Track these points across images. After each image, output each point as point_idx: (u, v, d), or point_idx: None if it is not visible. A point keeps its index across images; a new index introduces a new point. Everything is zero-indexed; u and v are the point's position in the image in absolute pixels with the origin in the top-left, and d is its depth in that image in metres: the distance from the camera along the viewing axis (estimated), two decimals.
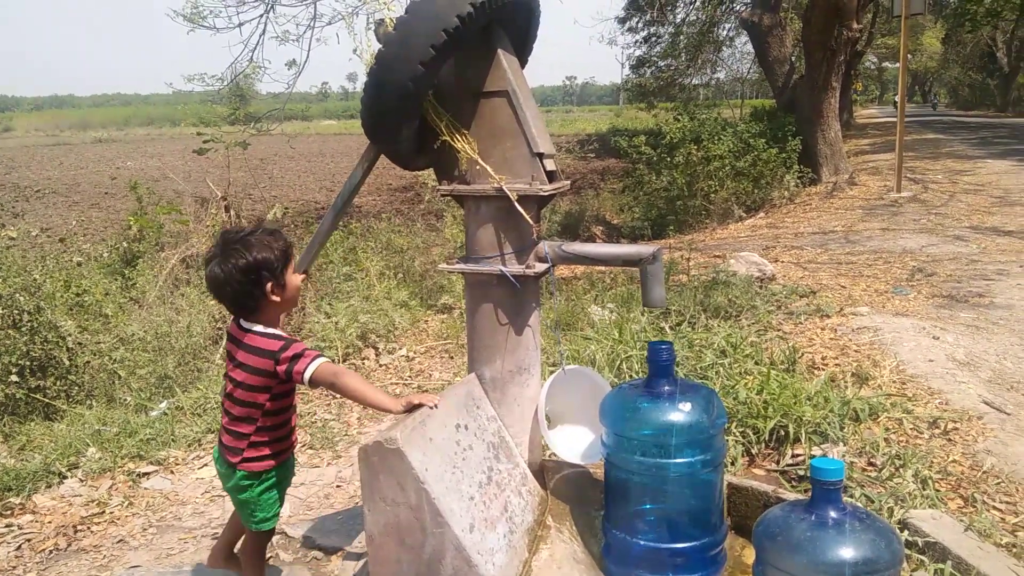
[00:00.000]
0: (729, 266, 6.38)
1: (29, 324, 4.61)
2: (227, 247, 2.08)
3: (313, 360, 2.03)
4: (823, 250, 7.69)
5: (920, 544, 2.44)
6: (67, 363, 4.69)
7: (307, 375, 2.01)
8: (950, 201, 10.23)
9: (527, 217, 2.09)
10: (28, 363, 4.51)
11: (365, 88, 2.00)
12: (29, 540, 3.10)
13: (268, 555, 2.90)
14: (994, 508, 2.76)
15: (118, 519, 3.27)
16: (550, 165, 2.13)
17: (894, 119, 12.17)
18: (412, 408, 1.97)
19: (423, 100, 2.06)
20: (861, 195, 11.47)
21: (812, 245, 8.03)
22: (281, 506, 2.33)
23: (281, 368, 2.04)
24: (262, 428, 2.16)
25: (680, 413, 1.96)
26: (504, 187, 2.05)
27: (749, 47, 19.50)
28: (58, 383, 4.62)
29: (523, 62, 2.27)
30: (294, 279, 2.16)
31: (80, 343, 4.82)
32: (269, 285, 2.07)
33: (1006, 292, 5.61)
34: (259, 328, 2.11)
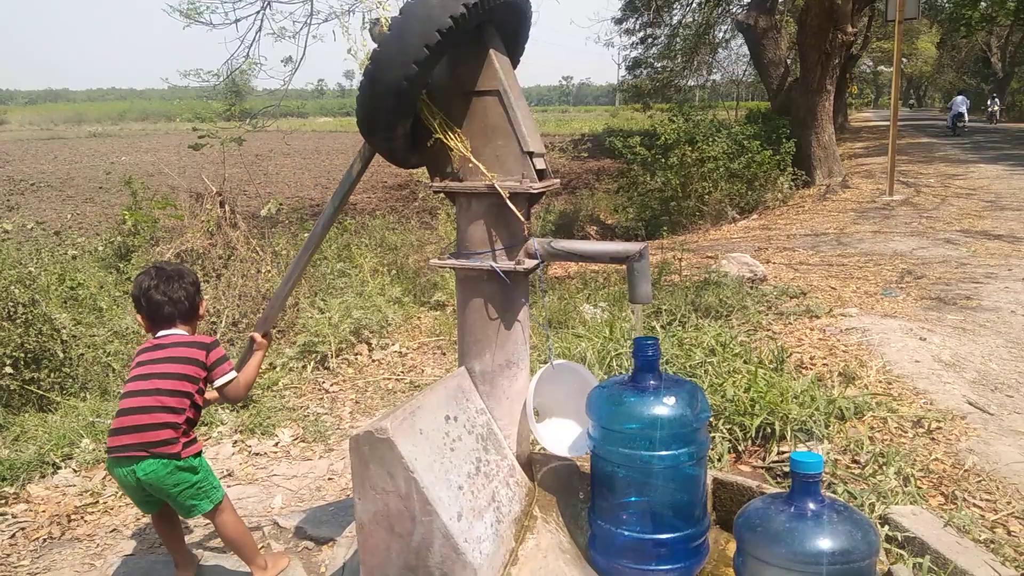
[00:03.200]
0: (721, 267, 6.44)
1: (24, 316, 4.63)
2: (174, 272, 2.59)
3: (232, 371, 2.55)
4: (815, 252, 7.75)
5: (900, 539, 2.50)
6: (61, 355, 4.70)
7: (225, 380, 2.53)
8: (941, 205, 10.32)
9: (518, 214, 2.13)
10: (22, 355, 4.52)
11: (360, 87, 2.04)
12: (23, 529, 3.13)
13: (260, 545, 2.94)
14: (974, 505, 2.81)
15: (111, 509, 3.30)
16: (540, 163, 2.17)
17: (888, 123, 12.24)
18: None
19: (417, 99, 2.09)
20: (854, 198, 11.55)
21: (804, 247, 8.09)
22: None
23: (211, 358, 2.50)
24: (189, 420, 2.47)
25: (665, 407, 2.00)
26: (495, 184, 2.09)
27: (745, 49, 19.60)
28: (52, 375, 4.64)
29: (515, 62, 2.31)
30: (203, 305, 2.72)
31: (74, 336, 4.84)
32: (200, 304, 2.66)
33: (993, 295, 5.67)
34: (184, 331, 2.58)
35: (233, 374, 2.54)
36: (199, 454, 2.49)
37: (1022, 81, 37.98)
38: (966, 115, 24.84)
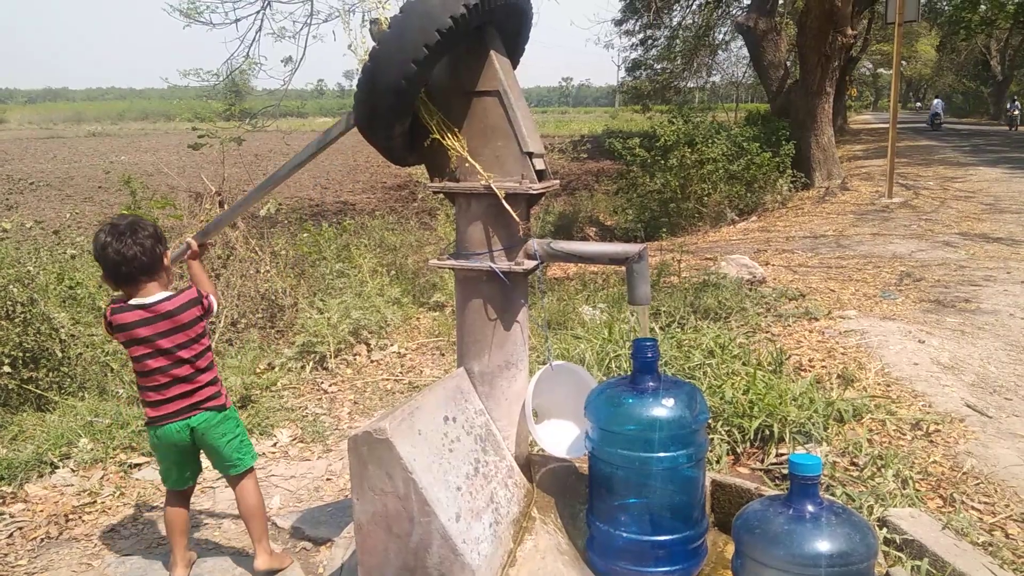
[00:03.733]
0: (720, 268, 6.44)
1: (22, 316, 4.63)
2: (127, 227, 2.48)
3: (212, 298, 2.64)
4: (814, 254, 7.75)
5: (898, 541, 2.50)
6: (60, 355, 4.70)
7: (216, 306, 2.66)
8: (940, 207, 10.33)
9: (514, 215, 2.13)
10: (21, 354, 4.52)
11: (359, 85, 2.04)
12: (21, 528, 3.12)
13: None
14: (972, 508, 2.81)
15: (109, 509, 3.29)
16: (540, 164, 2.17)
17: (887, 125, 12.25)
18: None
19: (416, 98, 2.09)
20: (853, 200, 11.55)
21: (803, 249, 8.09)
22: None
23: (206, 303, 2.58)
24: (212, 364, 2.60)
25: (664, 409, 2.00)
26: (493, 185, 2.09)
27: (744, 51, 19.62)
28: (50, 374, 4.63)
29: (515, 63, 2.31)
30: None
31: (73, 335, 4.83)
32: (167, 252, 2.59)
33: (992, 298, 5.67)
34: (167, 293, 2.53)
35: (214, 299, 2.67)
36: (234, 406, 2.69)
37: (1021, 84, 38.00)
38: (942, 115, 30.82)
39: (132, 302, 2.48)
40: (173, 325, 2.49)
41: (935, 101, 31.85)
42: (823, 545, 1.70)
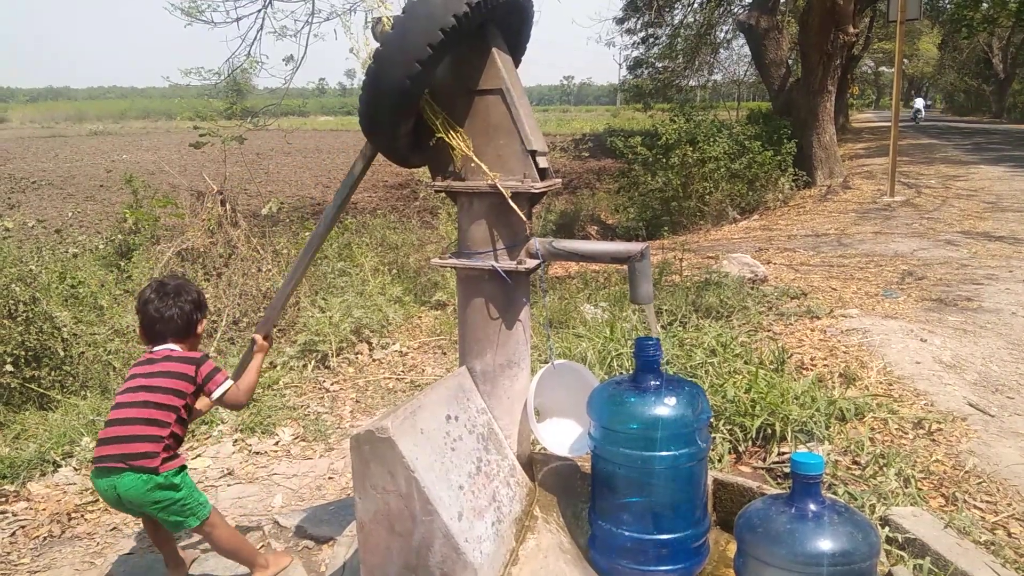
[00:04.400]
0: (721, 267, 6.44)
1: (24, 314, 4.64)
2: (172, 288, 2.59)
3: (227, 379, 2.52)
4: (815, 252, 7.75)
5: (900, 540, 2.50)
6: (62, 354, 4.71)
7: (222, 391, 2.51)
8: (942, 206, 10.31)
9: (520, 213, 2.13)
10: (23, 353, 4.53)
11: (363, 86, 2.04)
12: (23, 527, 3.13)
13: (259, 545, 2.95)
14: (974, 507, 2.81)
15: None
16: (543, 163, 2.17)
17: (889, 123, 12.24)
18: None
19: (420, 98, 2.09)
20: (855, 199, 11.55)
21: (805, 247, 8.09)
22: None
23: (201, 373, 2.49)
24: (173, 435, 2.45)
25: (666, 407, 2.00)
26: (497, 184, 2.09)
27: (746, 50, 19.57)
28: (53, 373, 4.64)
29: (517, 61, 2.31)
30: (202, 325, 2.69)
31: (75, 334, 4.84)
32: (199, 322, 2.64)
33: (994, 296, 5.67)
34: (178, 347, 2.57)
35: (229, 383, 2.52)
36: (181, 470, 2.45)
37: (1023, 82, 37.96)
38: (923, 111, 34.81)
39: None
40: (157, 370, 2.47)
41: (917, 100, 36.11)
42: (825, 544, 1.70)
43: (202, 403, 2.65)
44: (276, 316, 2.85)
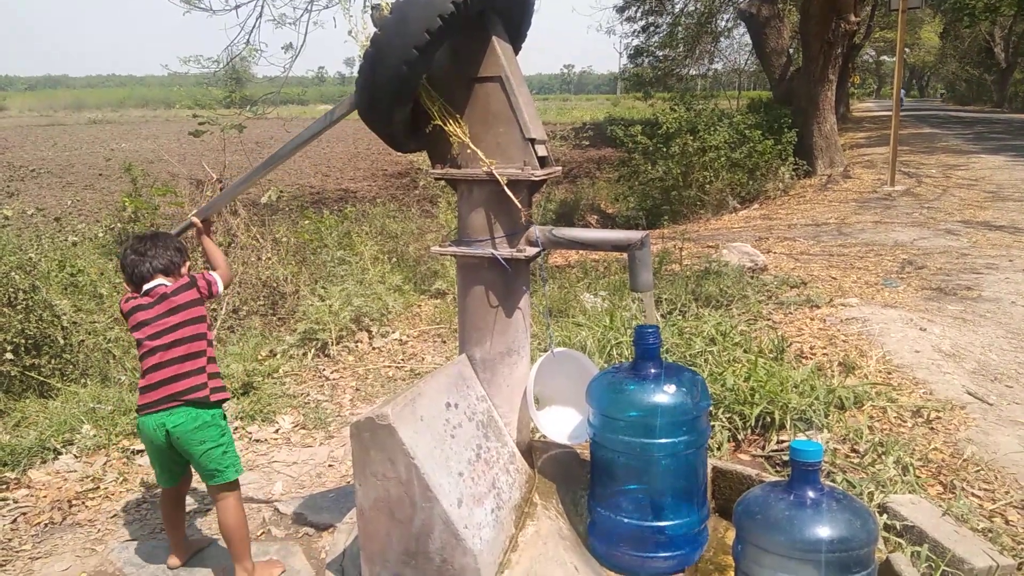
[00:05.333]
0: (721, 256, 6.44)
1: (24, 303, 4.63)
2: (148, 235, 2.65)
3: (214, 275, 2.63)
4: (815, 242, 7.74)
5: (898, 527, 2.50)
6: (62, 342, 4.71)
7: (221, 290, 2.63)
8: (943, 195, 10.30)
9: (516, 201, 2.12)
10: (23, 341, 4.53)
11: (360, 71, 2.03)
12: (24, 514, 3.14)
13: (260, 532, 2.96)
14: (972, 495, 2.82)
15: (112, 494, 3.31)
16: (542, 151, 2.16)
17: (890, 112, 12.21)
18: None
19: (417, 84, 2.09)
20: (855, 188, 11.52)
21: (805, 237, 8.08)
22: None
23: (202, 284, 2.56)
24: (211, 358, 2.52)
25: (665, 395, 2.01)
26: (495, 171, 2.09)
27: (747, 38, 19.51)
28: (53, 361, 4.64)
29: (516, 49, 2.30)
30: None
31: (75, 322, 4.84)
32: (186, 263, 2.67)
33: (994, 286, 5.67)
34: (166, 280, 2.57)
35: (215, 274, 2.64)
36: (223, 407, 2.56)
37: None
38: (904, 100, 35.95)
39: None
40: (170, 307, 2.48)
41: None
42: (824, 531, 1.70)
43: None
44: (218, 206, 3.03)
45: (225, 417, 2.56)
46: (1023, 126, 23.05)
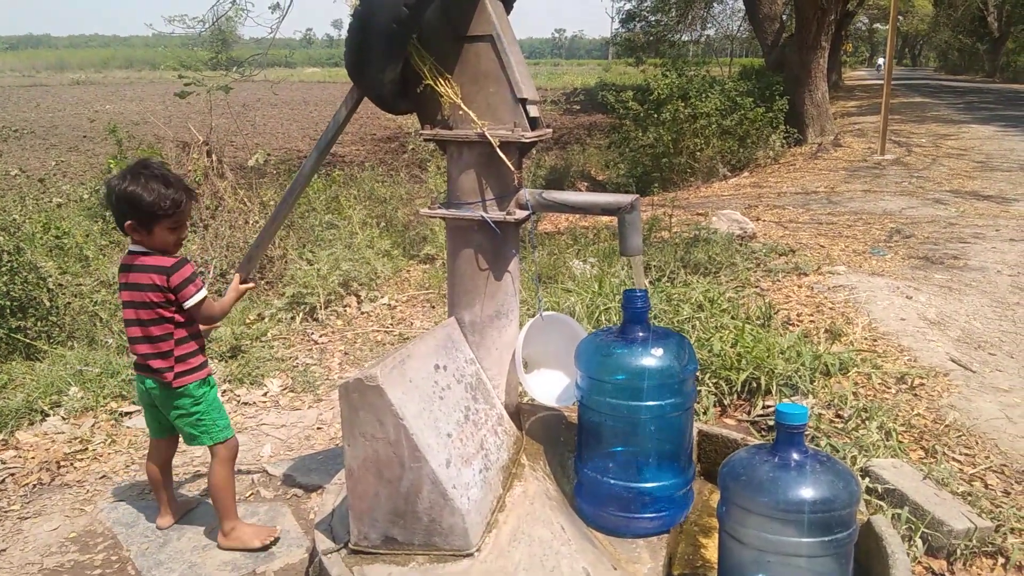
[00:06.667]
0: (711, 224, 6.44)
1: (8, 264, 4.59)
2: (130, 169, 2.32)
3: (199, 291, 2.35)
4: (805, 210, 7.75)
5: (880, 490, 2.54)
6: (48, 304, 4.68)
7: (195, 300, 2.35)
8: (932, 165, 10.31)
9: (508, 164, 2.11)
10: (8, 303, 4.49)
11: (349, 29, 2.00)
12: (12, 475, 3.14)
13: (248, 494, 2.97)
14: (953, 459, 2.86)
15: (101, 456, 3.31)
16: (533, 111, 2.14)
17: (882, 81, 12.16)
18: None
19: (407, 43, 2.06)
20: (845, 156, 11.52)
21: (794, 205, 8.09)
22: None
23: (172, 282, 2.31)
24: (179, 341, 2.40)
25: (652, 358, 2.02)
26: (486, 132, 2.07)
27: (740, 4, 19.33)
28: (39, 324, 4.62)
29: (508, 8, 2.27)
30: (167, 235, 2.33)
31: (61, 284, 4.80)
32: (128, 223, 2.30)
33: (981, 255, 5.71)
34: (141, 249, 2.35)
35: (202, 294, 2.36)
36: (203, 383, 2.46)
37: (1017, 41, 37.67)
38: (883, 66, 37.79)
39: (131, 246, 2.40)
40: (133, 281, 2.34)
41: (879, 60, 43.36)
42: (807, 492, 1.73)
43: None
44: (257, 259, 2.82)
45: (205, 385, 2.48)
46: (1014, 96, 23.05)
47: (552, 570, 1.85)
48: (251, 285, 2.69)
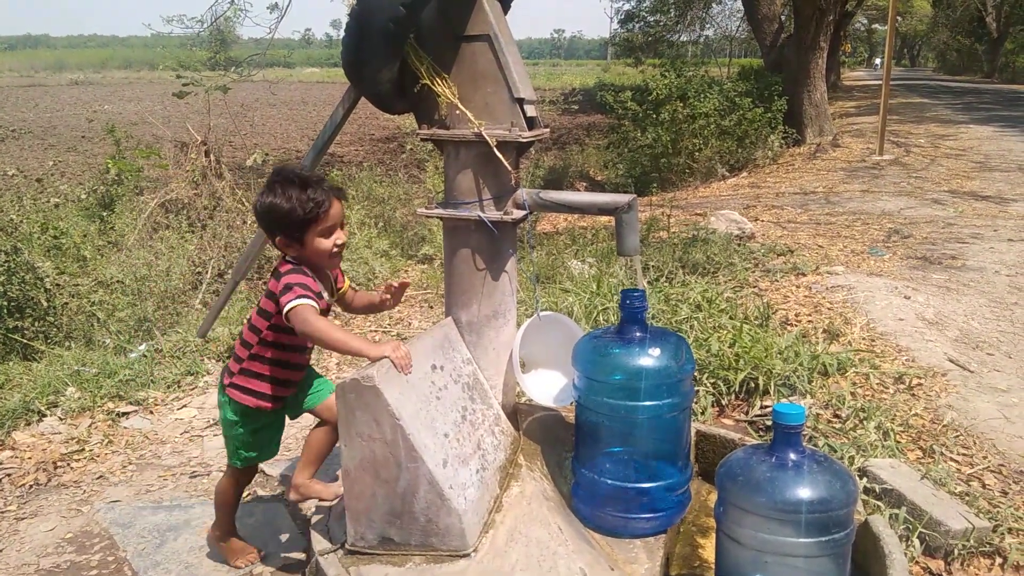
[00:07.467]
0: (709, 224, 6.44)
1: (6, 265, 4.59)
2: (267, 181, 2.09)
3: (297, 298, 1.97)
4: (803, 210, 7.76)
5: (878, 490, 2.54)
6: (45, 304, 4.68)
7: (286, 308, 1.97)
8: (931, 165, 10.31)
9: (505, 163, 2.11)
10: (6, 303, 4.49)
11: (347, 29, 1.99)
12: (9, 475, 3.13)
13: (246, 494, 2.96)
14: (951, 459, 2.86)
15: (98, 456, 3.30)
16: (531, 111, 2.14)
17: (880, 81, 12.17)
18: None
19: (404, 42, 2.05)
20: (844, 157, 11.52)
21: (793, 205, 8.09)
22: (266, 452, 2.39)
23: (278, 288, 2.03)
24: (255, 357, 2.19)
25: (650, 358, 2.01)
26: (483, 132, 2.07)
27: (739, 4, 19.33)
28: (36, 324, 4.62)
29: (506, 8, 2.26)
30: (319, 242, 2.07)
31: (58, 285, 4.80)
32: (279, 239, 2.07)
33: (979, 255, 5.71)
34: (288, 265, 2.10)
35: (298, 302, 1.97)
36: (247, 413, 2.24)
37: (1016, 41, 37.70)
38: (879, 65, 40.23)
39: None
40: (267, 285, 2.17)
41: (876, 60, 45.66)
42: (804, 492, 1.72)
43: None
44: (252, 261, 2.80)
45: (244, 416, 2.25)
46: (1013, 96, 23.06)
47: (549, 571, 1.84)
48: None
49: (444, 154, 2.24)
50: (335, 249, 2.11)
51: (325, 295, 2.17)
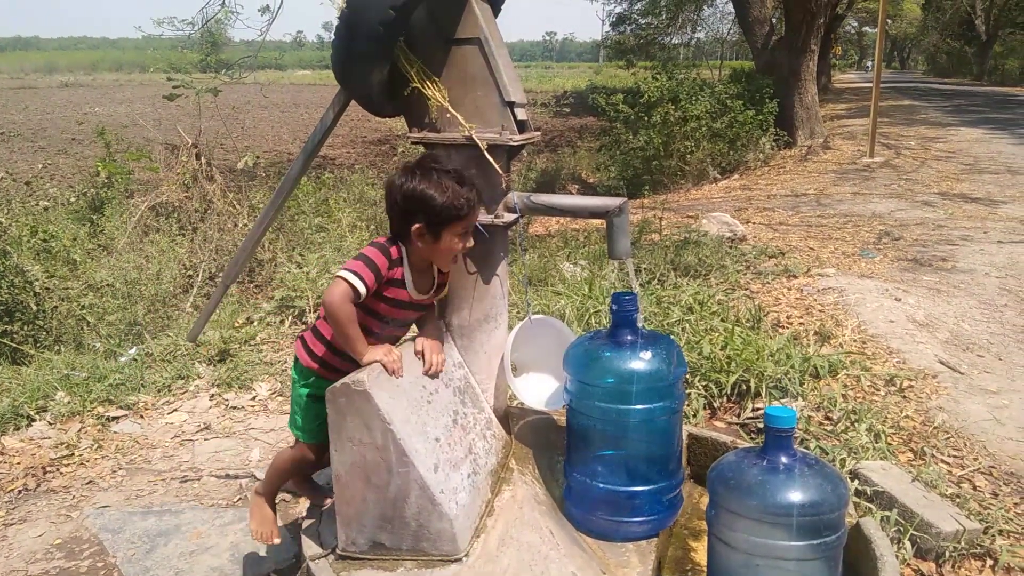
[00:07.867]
0: (701, 226, 6.46)
1: None
2: (418, 165, 2.01)
3: (350, 272, 1.92)
4: (794, 212, 7.78)
5: (869, 493, 2.55)
6: (34, 308, 4.65)
7: (337, 272, 1.95)
8: (921, 167, 10.36)
9: (496, 166, 2.10)
10: None
11: (336, 32, 1.99)
12: None
13: (236, 499, 2.96)
14: (942, 461, 2.87)
15: (87, 461, 3.29)
16: (521, 114, 2.13)
17: (871, 84, 12.22)
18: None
19: (394, 45, 2.05)
20: (835, 159, 11.57)
21: (784, 207, 8.12)
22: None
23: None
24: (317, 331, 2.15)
25: (641, 362, 2.01)
26: (474, 136, 2.06)
27: (730, 7, 19.39)
28: (25, 328, 4.59)
29: (496, 11, 2.26)
30: (453, 241, 1.99)
31: (48, 288, 4.77)
32: (417, 226, 1.97)
33: (969, 257, 5.73)
34: (383, 240, 2.05)
35: (346, 274, 1.93)
36: (311, 376, 2.15)
37: (1005, 44, 37.95)
38: (871, 68, 42.65)
39: None
40: None
41: (868, 63, 44.40)
42: (795, 495, 1.72)
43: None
44: (244, 263, 2.76)
45: (311, 385, 2.17)
46: (1002, 99, 23.21)
47: (541, 575, 1.84)
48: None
49: None
50: (460, 252, 2.06)
51: (413, 294, 2.09)
